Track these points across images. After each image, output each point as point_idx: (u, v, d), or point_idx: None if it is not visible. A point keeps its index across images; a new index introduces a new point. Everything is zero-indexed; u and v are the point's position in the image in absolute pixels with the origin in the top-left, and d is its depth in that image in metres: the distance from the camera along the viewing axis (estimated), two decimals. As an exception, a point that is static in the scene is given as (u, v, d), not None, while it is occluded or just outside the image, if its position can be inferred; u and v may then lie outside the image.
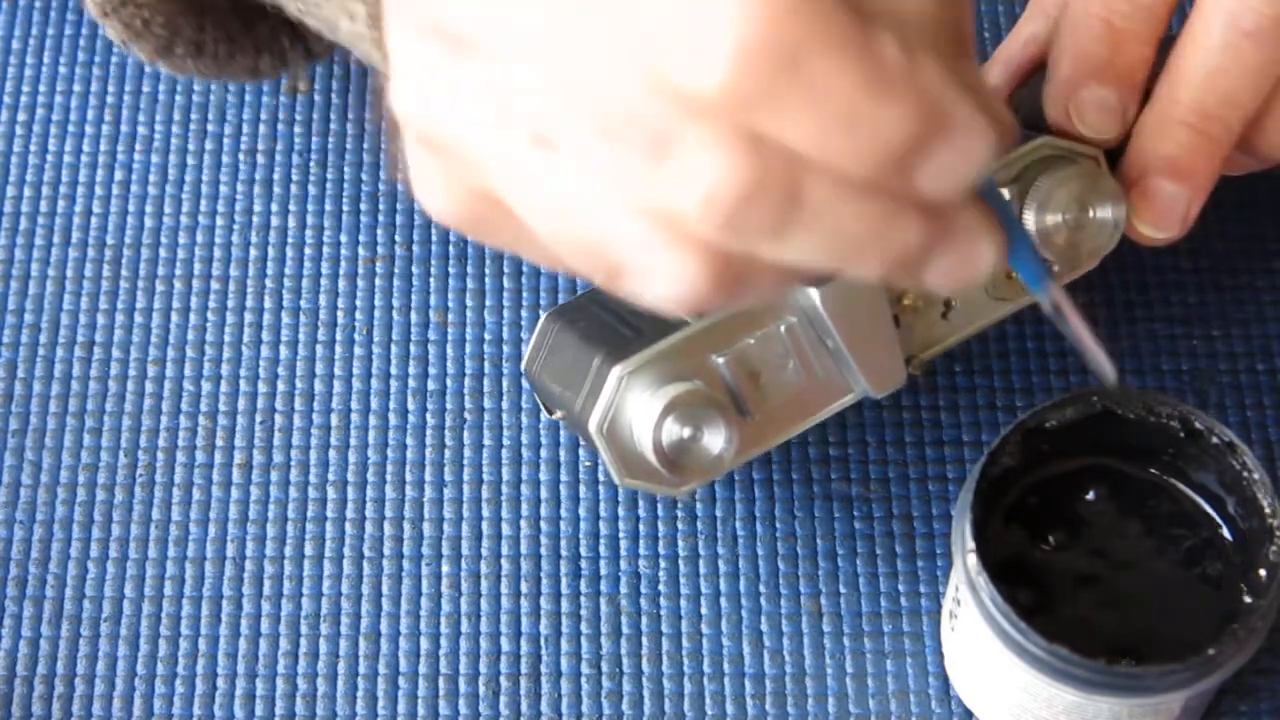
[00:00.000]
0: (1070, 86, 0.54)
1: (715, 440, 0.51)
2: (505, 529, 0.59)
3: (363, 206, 0.65)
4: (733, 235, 0.39)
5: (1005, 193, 0.53)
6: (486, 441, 0.61)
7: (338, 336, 0.63)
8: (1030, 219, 0.53)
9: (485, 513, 0.59)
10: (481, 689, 0.57)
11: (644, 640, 0.57)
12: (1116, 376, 0.49)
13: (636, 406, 0.51)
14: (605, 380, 0.52)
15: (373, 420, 0.61)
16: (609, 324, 0.54)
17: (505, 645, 0.57)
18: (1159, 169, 0.54)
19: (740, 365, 0.52)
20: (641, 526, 0.59)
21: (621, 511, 0.59)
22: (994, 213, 0.42)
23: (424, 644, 0.57)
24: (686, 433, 0.51)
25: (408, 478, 0.60)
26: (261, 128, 0.67)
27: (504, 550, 0.59)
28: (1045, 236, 0.53)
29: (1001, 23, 0.69)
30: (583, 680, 0.57)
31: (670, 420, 0.51)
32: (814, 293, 0.51)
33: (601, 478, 0.60)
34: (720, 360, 0.52)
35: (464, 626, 0.58)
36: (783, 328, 0.53)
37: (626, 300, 0.50)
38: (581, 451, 0.60)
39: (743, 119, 0.38)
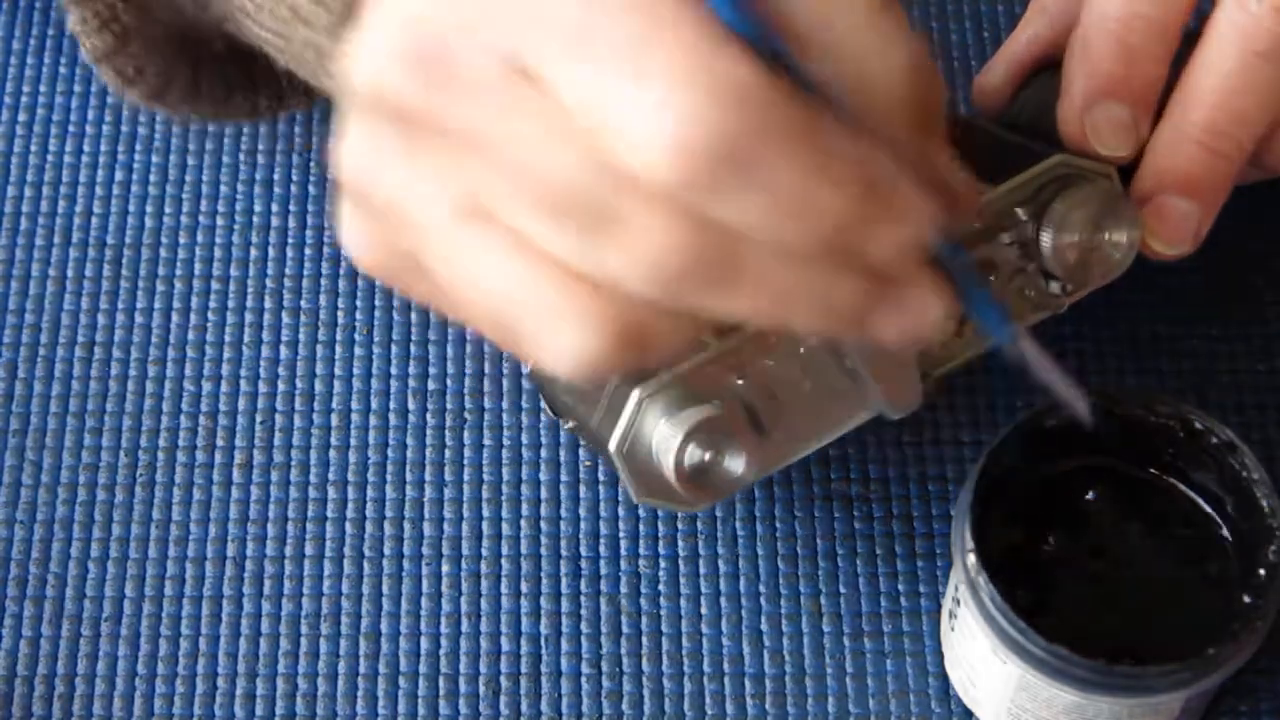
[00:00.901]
0: (1085, 103, 0.54)
1: (735, 463, 0.51)
2: (505, 529, 0.59)
3: (363, 206, 0.65)
4: (669, 301, 0.40)
5: (1020, 213, 0.53)
6: (486, 441, 0.61)
7: (338, 336, 0.63)
8: (1046, 238, 0.53)
9: (485, 513, 0.59)
10: (481, 689, 0.57)
11: (644, 640, 0.57)
12: (1089, 411, 0.50)
13: (657, 429, 0.51)
14: (624, 401, 0.52)
15: (373, 420, 0.61)
16: None
17: (505, 645, 0.57)
18: (1171, 186, 0.54)
19: (759, 386, 0.52)
20: (641, 526, 0.59)
21: (621, 511, 0.59)
22: (943, 274, 0.43)
23: (424, 644, 0.57)
24: (707, 456, 0.51)
25: (408, 478, 0.60)
26: (262, 127, 0.66)
27: (504, 550, 0.59)
28: (1059, 255, 0.53)
29: (1001, 22, 0.69)
30: (583, 680, 0.57)
31: (692, 445, 0.51)
32: None
33: (602, 478, 0.60)
34: (740, 382, 0.52)
35: (464, 626, 0.58)
36: (801, 349, 0.53)
37: None
38: (581, 451, 0.60)
39: (685, 202, 0.39)
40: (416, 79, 0.40)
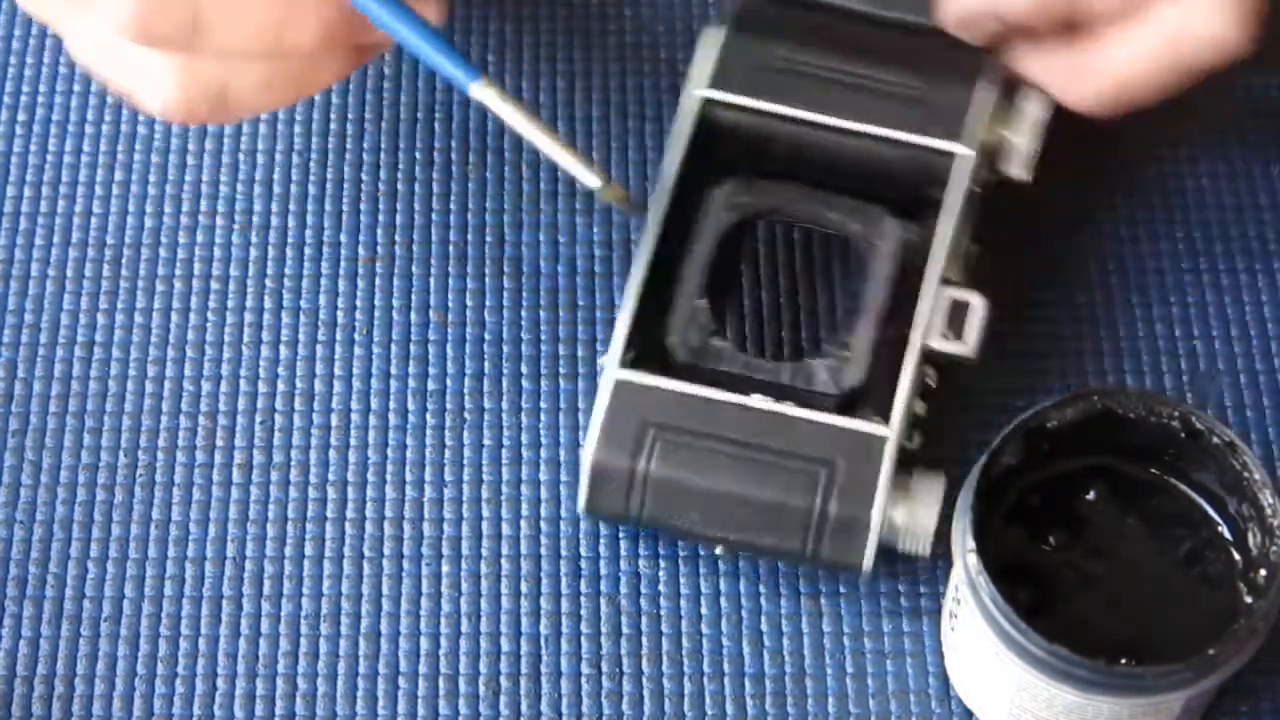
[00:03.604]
0: None
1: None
2: (505, 529, 0.59)
3: (363, 206, 0.65)
4: (159, 48, 0.52)
5: None
6: (486, 441, 0.61)
7: (338, 336, 0.63)
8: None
9: (485, 513, 0.59)
10: (481, 689, 0.57)
11: (644, 640, 0.57)
12: (598, 178, 0.54)
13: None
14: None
15: (373, 420, 0.61)
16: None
17: (505, 645, 0.57)
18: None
19: None
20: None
21: (621, 511, 0.59)
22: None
23: (424, 644, 0.57)
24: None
25: (408, 478, 0.60)
26: (261, 127, 0.67)
27: (504, 550, 0.59)
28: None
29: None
30: (583, 680, 0.57)
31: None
32: None
33: (601, 478, 0.60)
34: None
35: (464, 626, 0.58)
36: None
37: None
38: (582, 452, 0.60)
39: None
40: None
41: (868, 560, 0.55)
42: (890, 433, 0.54)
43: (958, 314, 0.55)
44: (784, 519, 0.54)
